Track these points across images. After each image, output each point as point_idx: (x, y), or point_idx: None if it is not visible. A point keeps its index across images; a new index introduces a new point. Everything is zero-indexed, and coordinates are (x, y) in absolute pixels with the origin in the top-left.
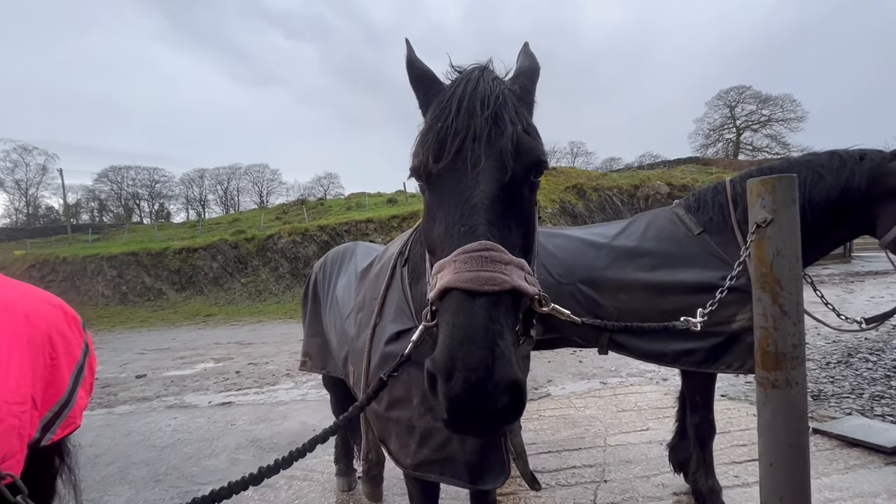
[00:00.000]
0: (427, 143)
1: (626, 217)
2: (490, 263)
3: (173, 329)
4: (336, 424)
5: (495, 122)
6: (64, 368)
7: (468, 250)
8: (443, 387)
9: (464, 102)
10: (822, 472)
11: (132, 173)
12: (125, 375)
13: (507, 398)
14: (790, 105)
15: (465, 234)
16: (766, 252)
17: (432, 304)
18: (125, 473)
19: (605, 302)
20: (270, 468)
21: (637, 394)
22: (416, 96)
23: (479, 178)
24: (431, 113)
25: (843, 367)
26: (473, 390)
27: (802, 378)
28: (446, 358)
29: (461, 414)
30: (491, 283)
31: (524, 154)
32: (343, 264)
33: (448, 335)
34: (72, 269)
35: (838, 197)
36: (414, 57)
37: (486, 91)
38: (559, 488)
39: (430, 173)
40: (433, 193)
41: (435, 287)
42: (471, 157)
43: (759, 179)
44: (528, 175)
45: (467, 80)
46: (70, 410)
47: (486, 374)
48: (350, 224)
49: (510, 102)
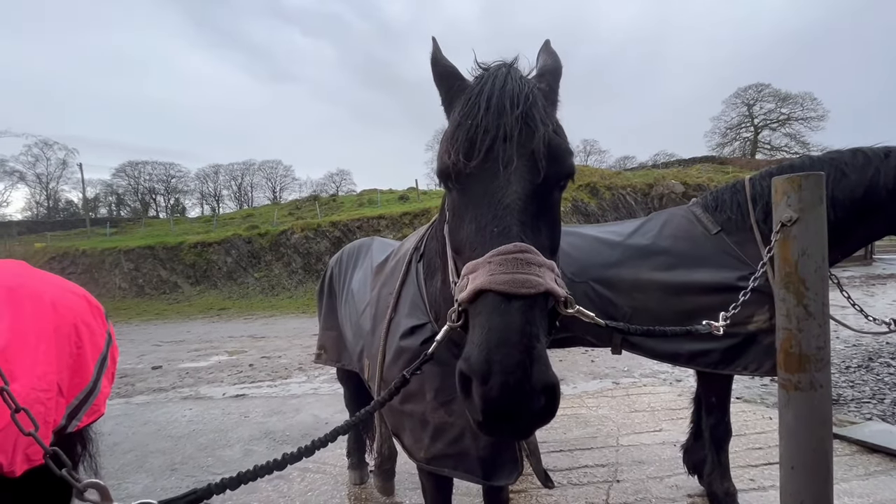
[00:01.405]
0: (457, 141)
1: (640, 216)
2: (525, 265)
3: (188, 322)
4: (358, 417)
5: (525, 122)
6: (89, 357)
7: (503, 252)
8: (479, 389)
9: (493, 100)
10: (842, 478)
11: (149, 168)
12: (142, 366)
13: (544, 400)
14: (810, 103)
15: (498, 236)
16: (791, 252)
17: (461, 304)
18: (143, 462)
19: (619, 301)
20: (294, 455)
21: (650, 394)
22: (439, 93)
23: (511, 179)
24: (458, 110)
25: (864, 372)
26: (511, 393)
27: (827, 381)
28: (483, 361)
29: (497, 416)
30: (527, 285)
31: (557, 157)
32: (359, 259)
33: (484, 338)
34: (90, 261)
35: (863, 195)
36: (439, 54)
37: (514, 89)
38: (571, 487)
39: (460, 172)
40: (461, 193)
41: (466, 288)
42: (502, 156)
43: (785, 177)
44: (559, 179)
45: (494, 78)
46: (95, 399)
47: (524, 377)
48: (362, 220)
49: (539, 102)
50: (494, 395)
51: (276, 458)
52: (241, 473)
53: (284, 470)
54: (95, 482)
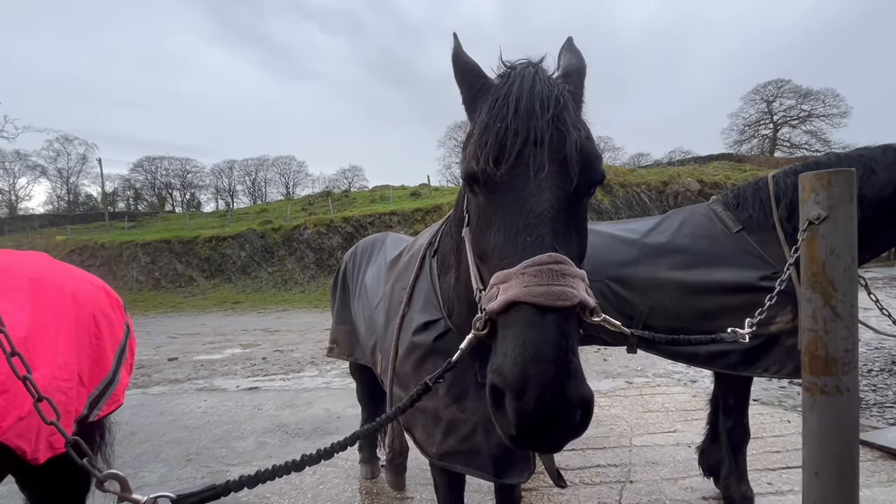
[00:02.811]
0: (485, 144)
1: (654, 214)
2: (560, 277)
3: (203, 315)
4: (379, 423)
5: (557, 127)
6: (108, 348)
7: (537, 262)
8: (513, 404)
9: (522, 102)
10: (864, 484)
11: (165, 163)
12: (158, 358)
13: (579, 415)
14: (832, 100)
15: (531, 245)
16: (818, 251)
17: (489, 314)
18: (159, 451)
19: (635, 300)
20: (312, 457)
21: (664, 395)
22: (460, 90)
23: (543, 186)
24: (486, 111)
25: (887, 376)
26: (547, 408)
27: (854, 385)
28: (518, 375)
29: (531, 431)
30: (563, 297)
31: (589, 164)
32: (373, 254)
33: (519, 351)
34: (109, 254)
35: (892, 193)
36: (461, 51)
37: (544, 91)
38: (583, 487)
39: (490, 178)
40: (489, 198)
41: (497, 298)
42: (533, 161)
43: (813, 173)
44: (590, 186)
45: (522, 78)
46: (114, 389)
47: (560, 392)
48: (374, 216)
49: (570, 105)
50: (530, 410)
51: (294, 458)
52: (260, 472)
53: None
54: (115, 473)
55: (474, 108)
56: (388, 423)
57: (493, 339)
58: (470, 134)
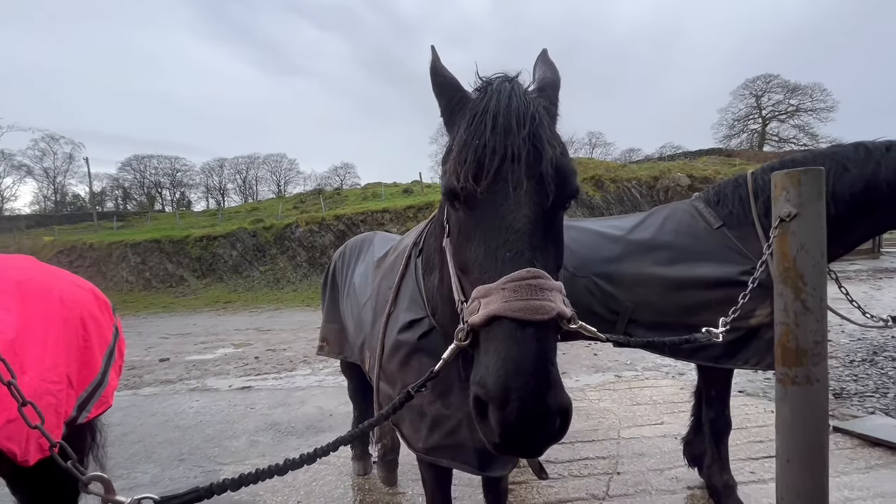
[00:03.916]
0: (464, 162)
1: (644, 209)
2: (539, 291)
3: (194, 315)
4: (361, 429)
5: (533, 144)
6: (96, 350)
7: (516, 278)
8: (497, 414)
9: (499, 118)
10: (843, 471)
11: (154, 162)
12: (149, 359)
13: (558, 422)
14: (820, 94)
15: (511, 261)
16: (789, 247)
17: (471, 326)
18: (151, 452)
19: (620, 295)
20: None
21: (652, 388)
22: (438, 104)
23: (521, 202)
24: (464, 127)
25: (868, 366)
26: (528, 418)
27: (824, 375)
28: (501, 388)
29: (514, 439)
30: (541, 311)
31: (564, 180)
32: (361, 253)
33: (501, 364)
34: (98, 255)
35: (864, 189)
36: (439, 64)
37: (520, 108)
38: (571, 479)
39: (470, 194)
40: (469, 213)
41: (479, 312)
42: (511, 178)
43: (784, 172)
44: (566, 200)
45: (499, 94)
46: (103, 391)
47: (540, 402)
48: (366, 214)
49: (546, 122)
50: (512, 420)
51: (287, 457)
52: (243, 476)
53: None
54: (99, 475)
55: (453, 122)
56: (371, 430)
57: (475, 348)
58: (449, 149)
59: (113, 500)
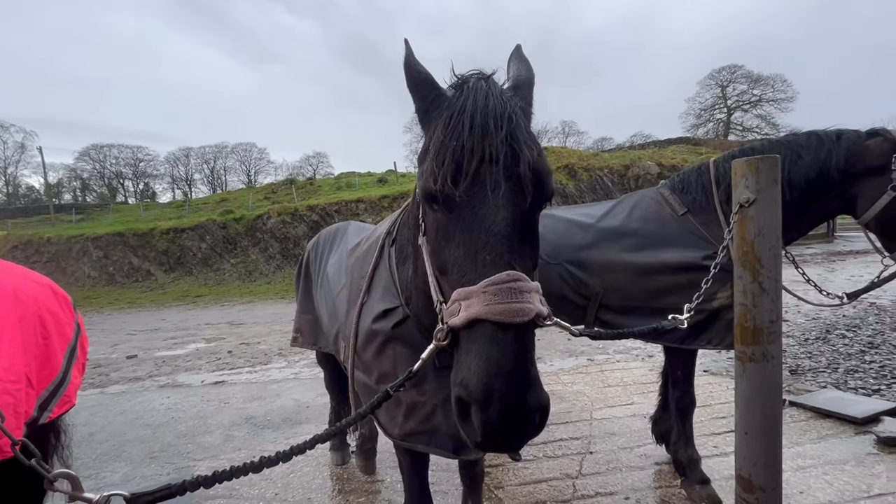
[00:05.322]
0: (442, 164)
1: (616, 198)
2: (518, 294)
3: (163, 310)
4: (339, 427)
5: (510, 145)
6: (57, 348)
7: (497, 282)
8: (480, 415)
9: (476, 119)
10: (796, 442)
11: (115, 152)
12: (116, 356)
13: (538, 419)
14: (781, 85)
15: (491, 264)
16: (748, 231)
17: (451, 328)
18: (120, 451)
19: (591, 281)
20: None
21: (623, 370)
22: (413, 100)
23: (499, 204)
24: (441, 128)
25: (821, 343)
26: (510, 418)
27: (778, 352)
28: (483, 389)
29: (496, 437)
30: (521, 314)
31: (541, 182)
32: (335, 243)
33: (483, 366)
34: (56, 249)
35: (816, 176)
36: (412, 59)
37: (497, 108)
38: (546, 460)
39: (448, 196)
40: (447, 215)
41: (459, 314)
42: (490, 180)
43: (744, 160)
44: (543, 201)
45: (475, 93)
46: (65, 389)
47: (521, 402)
48: (340, 204)
49: (522, 123)
50: (494, 420)
51: (255, 457)
52: (217, 472)
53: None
54: (66, 472)
55: (428, 119)
56: (349, 427)
57: (454, 348)
58: (426, 149)
59: (81, 497)
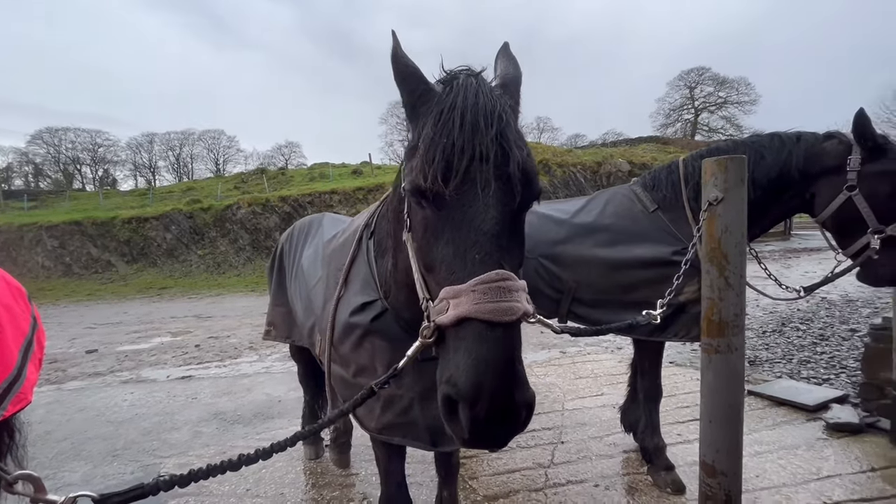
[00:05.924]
0: (433, 160)
1: (589, 193)
2: (507, 293)
3: (125, 302)
4: (320, 425)
5: (500, 144)
6: (11, 343)
7: (486, 280)
8: (468, 412)
9: (467, 116)
10: (754, 429)
11: (71, 135)
12: (74, 350)
13: (524, 416)
14: (745, 88)
15: (480, 263)
16: (715, 228)
17: (439, 326)
18: (80, 449)
19: (564, 276)
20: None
21: (593, 362)
22: (400, 94)
23: (489, 203)
24: (430, 125)
25: (777, 336)
26: (498, 415)
27: (742, 344)
28: (471, 387)
29: (483, 434)
30: (510, 313)
31: (530, 182)
32: (310, 235)
33: (471, 364)
34: (6, 238)
35: (778, 176)
36: (400, 52)
37: (487, 106)
38: (519, 450)
39: (438, 194)
40: (436, 213)
41: (448, 313)
42: (480, 179)
43: (714, 159)
44: (531, 201)
45: (465, 90)
46: (20, 386)
47: (509, 399)
48: (313, 195)
49: (512, 122)
50: (482, 418)
51: (241, 453)
52: (193, 471)
53: (235, 448)
54: (27, 473)
55: (416, 114)
56: (329, 425)
57: (440, 345)
58: (414, 146)
59: (44, 499)
